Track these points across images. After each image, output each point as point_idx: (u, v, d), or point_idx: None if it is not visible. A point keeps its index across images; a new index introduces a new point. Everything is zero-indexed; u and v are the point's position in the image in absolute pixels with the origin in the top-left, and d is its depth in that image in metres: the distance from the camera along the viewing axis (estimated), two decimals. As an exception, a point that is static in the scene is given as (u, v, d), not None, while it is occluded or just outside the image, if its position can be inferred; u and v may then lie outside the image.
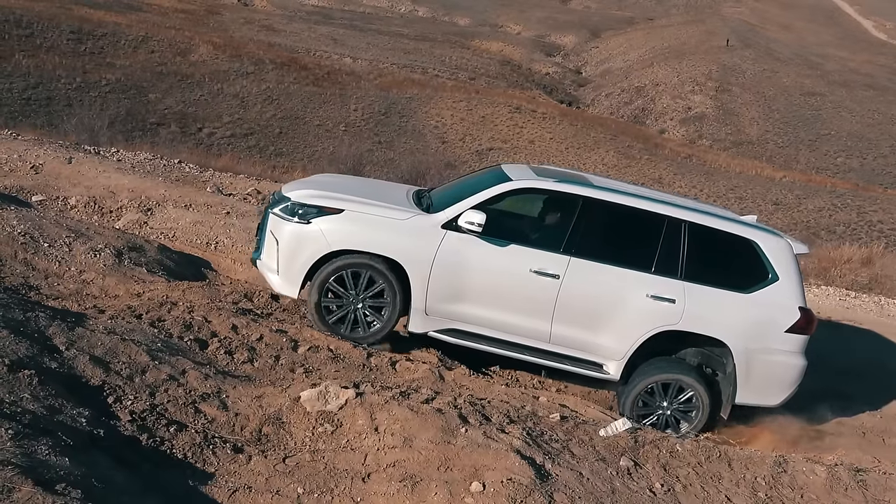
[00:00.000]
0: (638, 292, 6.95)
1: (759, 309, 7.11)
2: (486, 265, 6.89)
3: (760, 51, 71.43)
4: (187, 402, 5.14)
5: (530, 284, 6.89)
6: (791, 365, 7.17)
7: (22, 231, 7.33)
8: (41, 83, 34.32)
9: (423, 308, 6.92)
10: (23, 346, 4.95)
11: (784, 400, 7.28)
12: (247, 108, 38.52)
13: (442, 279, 6.85)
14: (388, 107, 42.14)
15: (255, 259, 7.32)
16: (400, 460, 4.87)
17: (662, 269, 7.01)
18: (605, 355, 7.08)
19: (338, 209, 6.89)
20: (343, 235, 6.82)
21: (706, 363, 7.39)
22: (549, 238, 7.15)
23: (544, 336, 7.02)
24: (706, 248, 7.18)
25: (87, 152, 13.30)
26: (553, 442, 5.43)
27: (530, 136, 42.32)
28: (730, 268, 7.28)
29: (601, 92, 67.04)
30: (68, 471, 3.76)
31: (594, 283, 6.97)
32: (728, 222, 7.40)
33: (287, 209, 6.98)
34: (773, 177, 43.18)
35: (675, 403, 7.09)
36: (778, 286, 7.16)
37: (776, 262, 7.20)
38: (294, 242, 6.85)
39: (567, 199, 7.24)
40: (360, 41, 61.07)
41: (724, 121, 57.84)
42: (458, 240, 6.86)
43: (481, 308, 6.94)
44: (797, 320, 7.12)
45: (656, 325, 6.98)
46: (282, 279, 6.93)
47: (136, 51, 40.73)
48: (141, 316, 6.30)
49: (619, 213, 7.17)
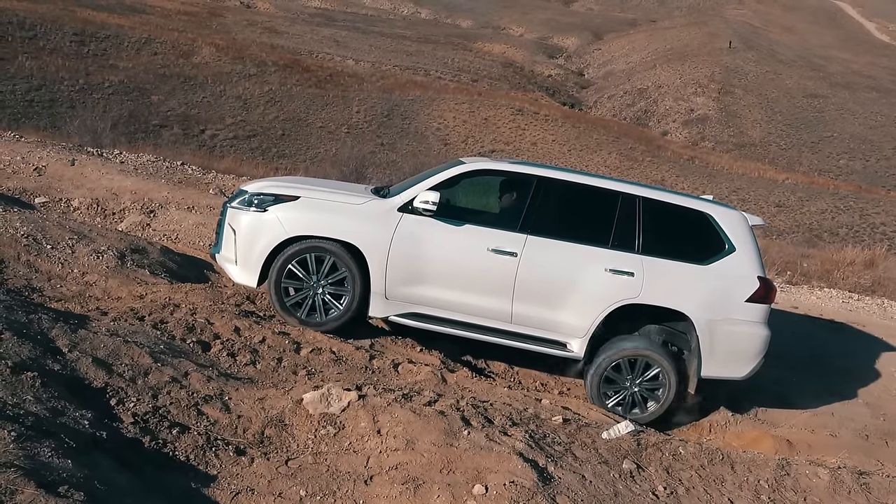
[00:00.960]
0: (596, 267, 6.99)
1: (717, 280, 7.15)
2: (443, 246, 6.91)
3: (763, 53, 71.43)
4: (190, 404, 5.14)
5: (488, 263, 6.91)
6: (754, 335, 7.19)
7: (25, 233, 7.34)
8: (44, 85, 34.37)
9: (383, 292, 6.92)
10: (26, 348, 4.95)
11: (750, 372, 7.29)
12: (249, 110, 38.57)
13: (400, 262, 6.86)
14: (390, 109, 42.18)
15: (214, 253, 7.33)
16: (402, 463, 4.87)
17: (619, 244, 7.07)
18: (568, 333, 7.09)
19: (294, 196, 6.94)
20: (300, 222, 6.84)
21: (671, 341, 7.41)
22: (506, 218, 7.20)
23: (506, 316, 7.02)
24: (662, 222, 7.25)
25: (90, 154, 13.32)
26: (556, 445, 5.43)
27: (533, 138, 42.35)
28: (686, 241, 7.34)
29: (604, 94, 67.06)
30: (71, 473, 3.76)
31: (552, 260, 7.00)
32: (682, 197, 7.59)
33: (244, 201, 7.01)
34: (775, 179, 43.19)
35: (642, 381, 7.10)
36: (735, 257, 7.23)
37: (732, 234, 7.27)
38: (251, 231, 6.88)
39: (522, 179, 7.33)
40: (362, 43, 61.15)
41: (727, 123, 57.84)
42: (415, 222, 6.89)
43: (441, 290, 6.95)
44: (756, 289, 7.18)
45: (617, 300, 7.00)
46: (240, 268, 6.95)
47: (139, 53, 40.80)
48: (143, 318, 6.30)
49: (574, 190, 7.27)
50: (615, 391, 7.13)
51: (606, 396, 7.12)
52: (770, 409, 8.17)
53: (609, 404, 7.09)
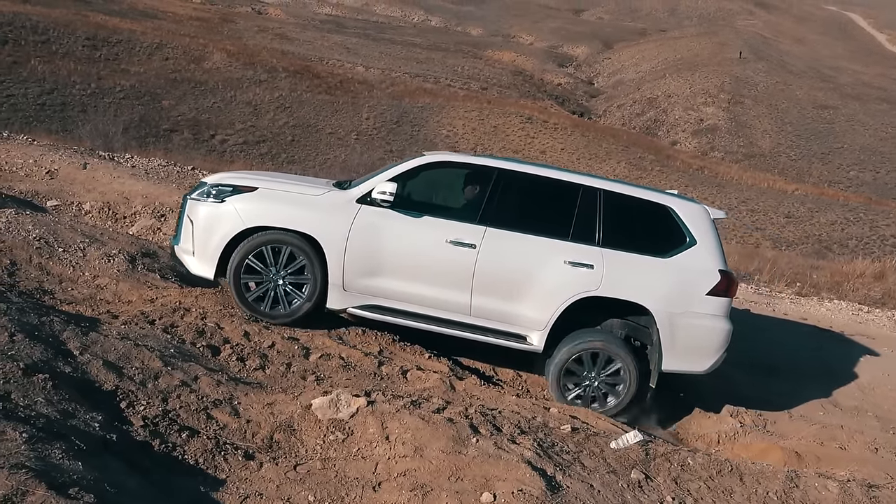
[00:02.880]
0: (555, 259, 6.97)
1: (678, 273, 7.13)
2: (401, 238, 6.89)
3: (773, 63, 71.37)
4: (199, 408, 5.15)
5: (447, 255, 6.89)
6: (715, 328, 7.15)
7: (37, 236, 7.38)
8: (56, 89, 34.58)
9: (341, 284, 6.89)
10: (37, 350, 4.98)
11: (712, 366, 7.25)
12: (259, 116, 38.71)
13: (358, 254, 6.83)
14: (399, 116, 42.28)
15: (173, 245, 7.30)
16: (410, 469, 4.87)
17: (579, 237, 7.05)
18: (527, 326, 7.06)
19: (252, 187, 6.94)
20: (257, 213, 6.81)
21: (633, 335, 7.38)
22: (465, 210, 7.19)
23: (465, 308, 7.00)
24: (622, 215, 7.23)
25: (102, 158, 13.38)
26: (564, 453, 5.42)
27: (542, 146, 42.36)
28: (647, 233, 7.32)
29: (613, 103, 67.08)
30: (81, 475, 3.77)
31: (510, 252, 6.97)
32: (643, 190, 7.57)
33: (203, 192, 7.00)
34: (785, 190, 43.08)
35: (602, 375, 7.07)
36: (696, 250, 7.21)
37: (693, 227, 7.25)
38: (208, 222, 6.85)
39: (482, 171, 7.33)
40: (372, 50, 61.34)
41: (737, 133, 57.77)
42: (373, 213, 6.87)
43: (399, 282, 6.92)
44: (717, 283, 7.14)
45: (576, 292, 6.97)
46: (197, 260, 6.90)
47: (150, 58, 41.01)
48: (154, 321, 6.33)
49: (534, 183, 7.26)
50: (575, 384, 7.10)
51: (566, 389, 7.10)
52: (779, 421, 8.13)
53: (568, 397, 7.07)
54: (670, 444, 6.44)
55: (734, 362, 9.11)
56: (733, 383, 8.68)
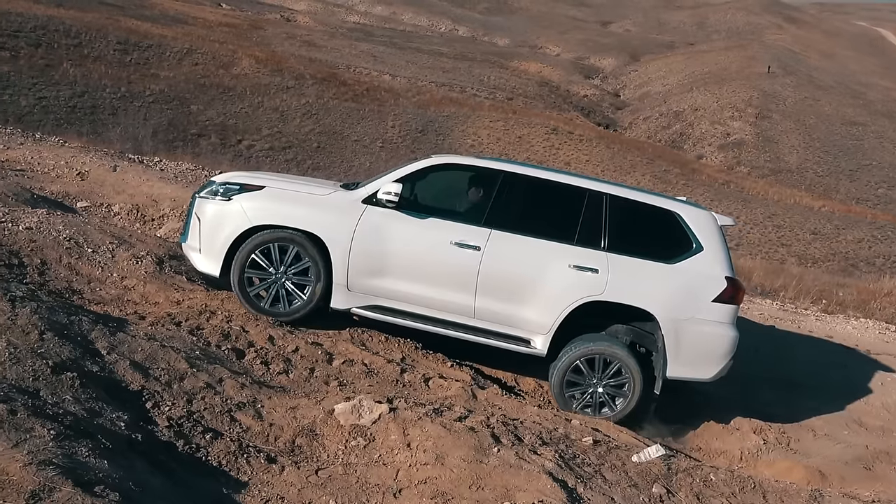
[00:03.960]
0: (560, 263, 6.95)
1: (683, 279, 7.08)
2: (406, 238, 6.90)
3: (802, 78, 70.84)
4: (223, 410, 5.19)
5: (451, 257, 6.89)
6: (721, 335, 7.10)
7: (67, 236, 7.47)
8: (87, 92, 35.00)
9: (345, 284, 6.90)
10: (66, 349, 5.05)
11: (717, 374, 7.19)
12: (286, 122, 38.95)
13: (363, 254, 6.85)
14: (425, 124, 42.38)
15: (181, 243, 7.36)
16: (431, 477, 4.87)
17: (585, 241, 7.03)
18: (531, 329, 7.03)
19: (259, 186, 6.99)
20: (263, 211, 6.86)
21: (639, 342, 7.34)
22: (471, 212, 7.20)
23: (468, 311, 6.99)
24: (628, 219, 7.21)
25: (132, 161, 13.53)
26: (585, 465, 5.40)
27: (566, 157, 42.28)
28: (653, 239, 7.28)
29: (639, 115, 66.84)
30: (107, 473, 3.81)
31: (515, 255, 6.97)
32: (650, 195, 7.56)
33: (211, 191, 7.08)
34: (811, 206, 42.67)
35: (606, 379, 7.01)
36: (702, 256, 7.16)
37: (700, 233, 7.21)
38: (215, 220, 6.91)
39: (488, 173, 7.35)
40: (399, 59, 61.58)
41: (764, 148, 57.33)
42: (379, 214, 6.89)
43: (404, 283, 6.92)
44: (724, 289, 7.09)
45: (580, 296, 6.95)
46: (204, 257, 6.96)
47: (180, 63, 41.43)
48: (180, 323, 6.39)
49: (540, 186, 7.26)
50: (581, 392, 7.06)
51: (573, 399, 7.06)
52: (803, 439, 8.05)
53: (575, 407, 7.02)
54: (693, 459, 6.40)
55: (759, 378, 9.06)
56: (757, 400, 8.60)
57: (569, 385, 7.06)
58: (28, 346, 4.85)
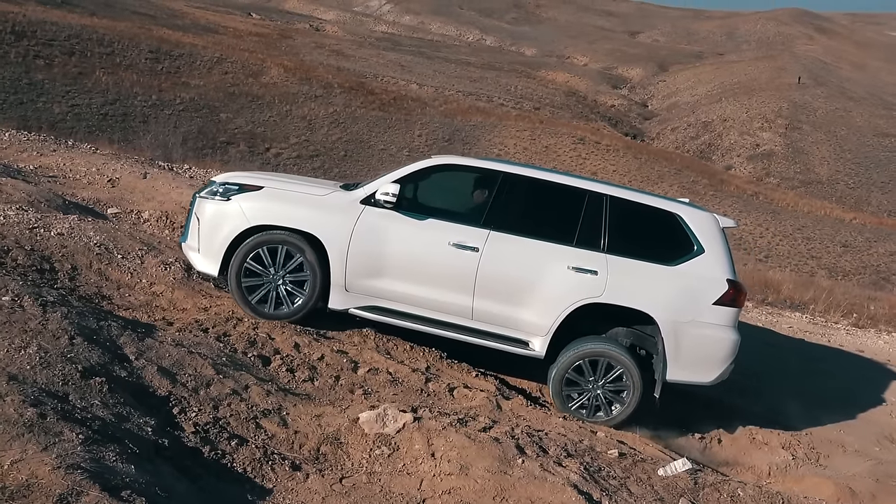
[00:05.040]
0: (559, 264, 6.88)
1: (684, 281, 6.99)
2: (404, 239, 6.86)
3: (833, 89, 70.12)
4: (249, 417, 5.22)
5: (450, 258, 6.84)
6: (721, 339, 6.99)
7: (98, 242, 7.56)
8: (118, 99, 35.52)
9: (343, 284, 6.88)
10: (95, 354, 5.10)
11: (718, 377, 7.08)
12: (314, 131, 39.24)
13: (361, 254, 6.82)
14: (451, 133, 42.49)
15: (181, 243, 7.36)
16: (455, 488, 4.86)
17: (584, 242, 6.96)
18: (530, 331, 6.97)
19: (258, 186, 6.99)
20: (262, 211, 6.84)
21: (639, 344, 7.26)
22: (469, 213, 7.15)
23: (466, 312, 6.93)
24: (628, 221, 7.13)
25: (162, 168, 13.68)
26: (611, 478, 5.36)
27: (593, 167, 42.17)
28: (653, 240, 7.20)
29: (667, 126, 66.52)
30: (133, 478, 3.84)
31: (514, 256, 6.90)
32: (651, 197, 7.44)
33: (210, 191, 7.08)
34: (842, 218, 42.19)
35: (605, 382, 6.92)
36: (704, 258, 7.06)
37: (701, 235, 7.11)
38: (214, 220, 6.90)
39: (487, 174, 7.31)
40: (427, 68, 61.83)
41: (793, 159, 56.82)
42: (377, 215, 6.86)
43: (402, 283, 6.88)
44: (725, 292, 6.98)
45: (579, 298, 6.87)
46: (202, 256, 6.95)
47: (210, 71, 41.90)
48: (207, 330, 6.43)
49: (540, 188, 7.19)
50: (578, 393, 6.99)
51: (570, 398, 6.99)
52: (832, 455, 7.93)
53: (572, 407, 6.96)
54: (720, 474, 6.32)
55: (787, 392, 8.94)
56: (785, 414, 8.49)
57: (568, 384, 6.98)
58: (58, 351, 4.90)
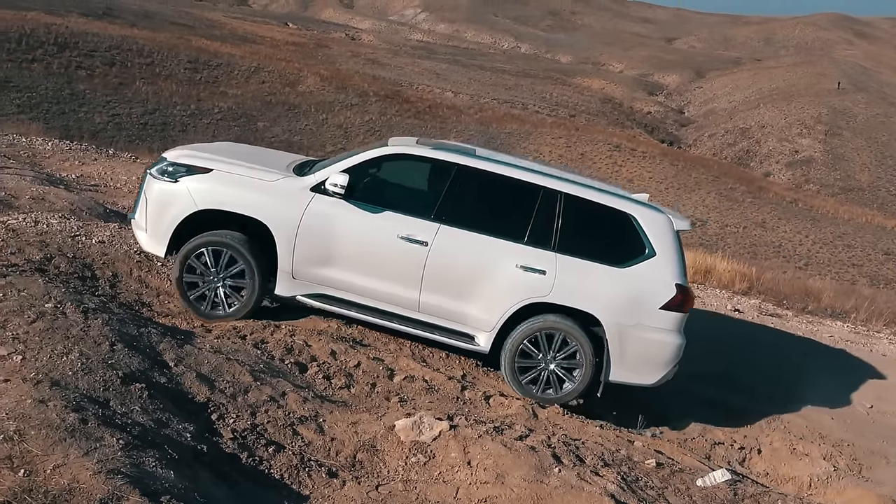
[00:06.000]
0: (507, 262, 6.82)
1: (632, 284, 6.91)
2: (353, 229, 6.79)
3: (873, 94, 68.98)
4: (286, 423, 5.25)
5: (398, 251, 6.78)
6: (666, 343, 6.94)
7: (137, 250, 7.67)
8: (158, 109, 36.08)
9: (290, 271, 6.83)
10: (135, 360, 5.17)
11: (660, 380, 7.05)
12: (349, 139, 39.49)
13: (309, 242, 6.76)
14: (486, 141, 42.46)
15: (129, 219, 7.32)
16: (491, 496, 4.84)
17: (535, 241, 6.88)
18: (475, 326, 6.92)
19: (206, 168, 6.86)
20: (209, 194, 6.76)
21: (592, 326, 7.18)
22: (421, 205, 7.01)
23: (413, 304, 6.88)
24: (581, 220, 7.03)
25: (199, 176, 13.83)
26: (648, 489, 5.30)
27: (629, 174, 41.88)
28: (605, 241, 7.12)
29: (704, 132, 65.90)
30: (173, 484, 3.88)
31: (463, 252, 6.84)
32: (606, 195, 7.23)
33: (160, 169, 6.98)
34: (884, 225, 41.41)
35: (559, 358, 6.89)
36: (654, 262, 6.98)
37: (654, 237, 7.01)
38: (161, 200, 6.82)
39: (441, 166, 7.15)
40: (462, 76, 61.95)
41: (833, 165, 55.94)
42: (327, 203, 6.78)
43: (349, 273, 6.83)
44: (672, 297, 6.91)
45: (526, 297, 6.82)
46: (149, 237, 6.89)
47: (247, 80, 42.40)
48: (245, 337, 6.49)
49: (494, 182, 7.06)
50: (530, 367, 6.95)
51: (522, 371, 6.95)
52: (875, 467, 7.78)
53: (524, 381, 6.93)
54: (760, 485, 6.23)
55: (828, 402, 8.79)
56: (826, 425, 8.35)
57: (522, 355, 6.94)
58: (99, 357, 4.98)
